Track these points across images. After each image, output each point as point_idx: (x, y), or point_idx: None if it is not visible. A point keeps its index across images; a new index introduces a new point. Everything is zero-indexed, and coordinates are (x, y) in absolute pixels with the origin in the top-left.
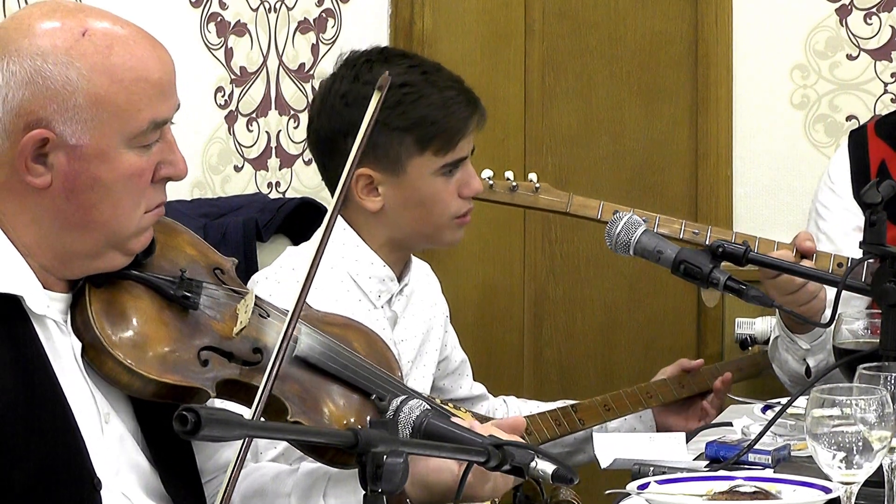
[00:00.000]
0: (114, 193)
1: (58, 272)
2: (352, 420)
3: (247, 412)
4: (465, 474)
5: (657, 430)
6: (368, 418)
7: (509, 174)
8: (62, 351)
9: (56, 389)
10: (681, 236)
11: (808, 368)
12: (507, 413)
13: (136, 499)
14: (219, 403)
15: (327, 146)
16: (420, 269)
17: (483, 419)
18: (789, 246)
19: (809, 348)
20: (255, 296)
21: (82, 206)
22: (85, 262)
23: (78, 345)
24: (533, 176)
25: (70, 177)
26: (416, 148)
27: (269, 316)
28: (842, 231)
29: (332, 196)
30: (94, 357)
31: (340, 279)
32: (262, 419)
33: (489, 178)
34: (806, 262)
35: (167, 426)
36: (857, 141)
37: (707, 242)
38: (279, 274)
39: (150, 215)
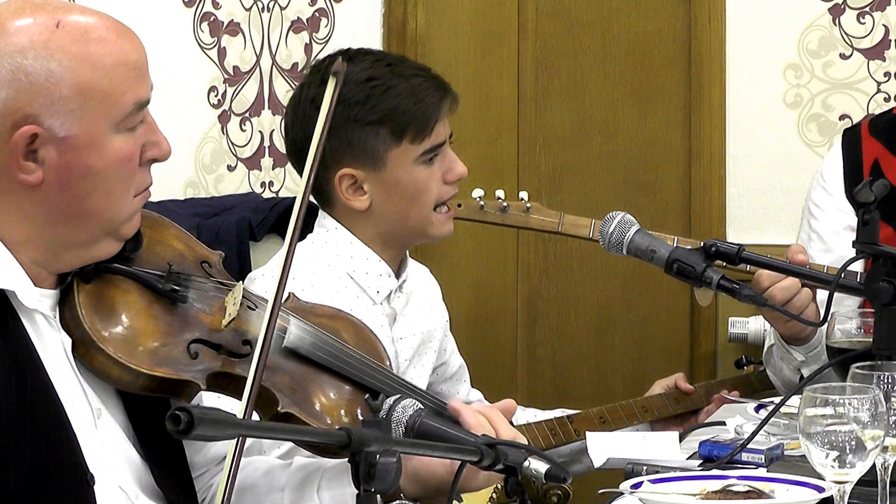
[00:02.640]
0: (107, 181)
1: (49, 266)
2: (343, 411)
3: (237, 404)
4: (458, 474)
5: None
6: (361, 417)
7: (500, 193)
8: (52, 347)
9: (48, 385)
10: None
11: (802, 377)
12: None
13: (131, 493)
14: (209, 395)
15: (306, 153)
16: (420, 272)
17: None
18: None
19: (804, 360)
20: (244, 288)
21: (77, 197)
22: (78, 252)
23: (68, 340)
24: (524, 195)
25: (63, 170)
26: (393, 139)
27: (257, 308)
28: (833, 230)
29: (299, 189)
30: (85, 352)
31: (338, 276)
32: (254, 413)
33: (479, 198)
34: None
35: (158, 421)
36: (851, 140)
37: None
38: (275, 271)
39: (139, 198)
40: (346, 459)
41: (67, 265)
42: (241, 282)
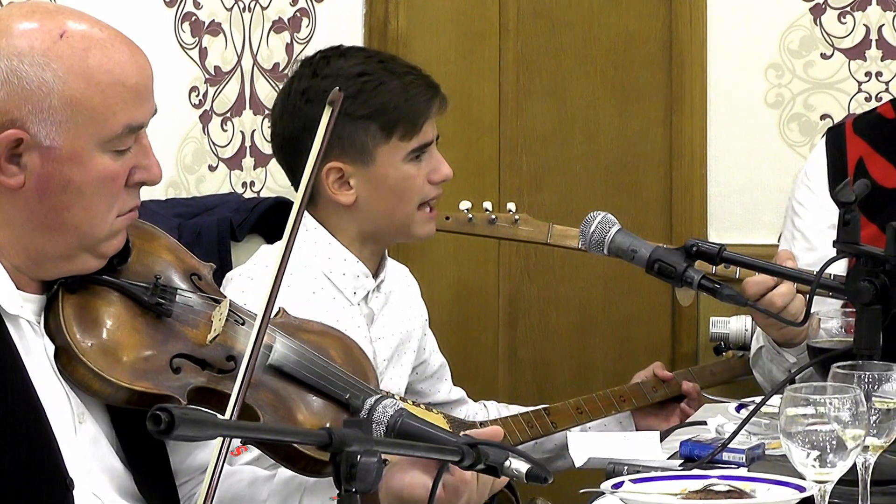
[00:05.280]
0: (86, 196)
1: (31, 273)
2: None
3: None
4: (439, 474)
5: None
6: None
7: (488, 205)
8: (35, 351)
9: (29, 388)
10: None
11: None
12: (488, 417)
13: (107, 499)
14: None
15: (292, 146)
16: (399, 272)
17: (460, 423)
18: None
19: (796, 361)
20: (231, 302)
21: (55, 207)
22: (58, 264)
23: (51, 346)
24: (512, 206)
25: (43, 178)
26: (382, 135)
27: (244, 323)
28: (817, 229)
29: (297, 196)
30: (66, 363)
31: (314, 276)
32: None
33: (467, 209)
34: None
35: (141, 428)
36: (835, 138)
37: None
38: (253, 271)
39: (123, 219)
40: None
41: (48, 275)
42: (227, 297)
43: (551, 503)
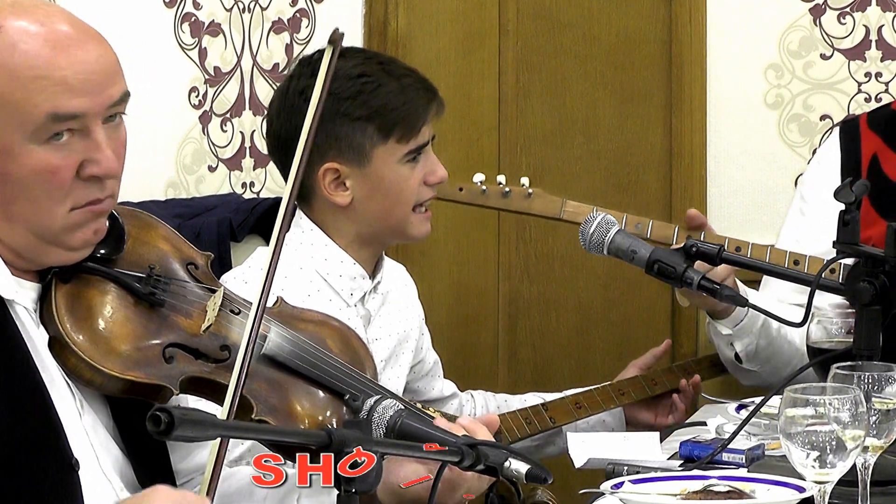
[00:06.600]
0: (27, 189)
1: (15, 263)
2: (320, 419)
3: (214, 408)
4: (438, 475)
5: (627, 426)
6: (344, 418)
7: (501, 178)
8: (35, 338)
9: (32, 370)
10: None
11: (736, 355)
12: (475, 407)
13: (116, 484)
14: (192, 401)
15: (289, 145)
16: (396, 272)
17: (452, 419)
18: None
19: (731, 333)
20: (226, 292)
21: (2, 201)
22: (33, 257)
23: (46, 336)
24: (525, 180)
25: None
26: (380, 136)
27: (238, 313)
28: (828, 215)
29: (286, 186)
30: (59, 352)
31: (310, 279)
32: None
33: (481, 182)
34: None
35: (141, 421)
36: (850, 133)
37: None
38: (247, 274)
39: (81, 212)
40: None
41: (32, 267)
42: (222, 287)
43: (552, 495)
